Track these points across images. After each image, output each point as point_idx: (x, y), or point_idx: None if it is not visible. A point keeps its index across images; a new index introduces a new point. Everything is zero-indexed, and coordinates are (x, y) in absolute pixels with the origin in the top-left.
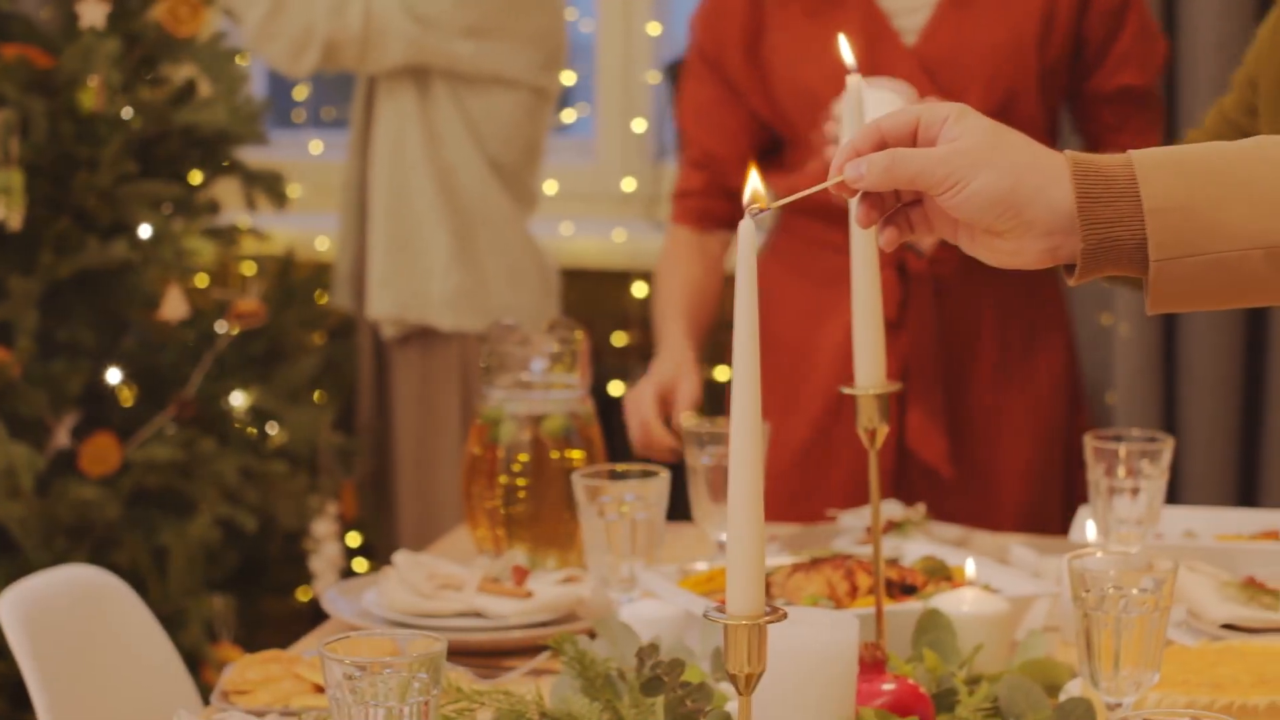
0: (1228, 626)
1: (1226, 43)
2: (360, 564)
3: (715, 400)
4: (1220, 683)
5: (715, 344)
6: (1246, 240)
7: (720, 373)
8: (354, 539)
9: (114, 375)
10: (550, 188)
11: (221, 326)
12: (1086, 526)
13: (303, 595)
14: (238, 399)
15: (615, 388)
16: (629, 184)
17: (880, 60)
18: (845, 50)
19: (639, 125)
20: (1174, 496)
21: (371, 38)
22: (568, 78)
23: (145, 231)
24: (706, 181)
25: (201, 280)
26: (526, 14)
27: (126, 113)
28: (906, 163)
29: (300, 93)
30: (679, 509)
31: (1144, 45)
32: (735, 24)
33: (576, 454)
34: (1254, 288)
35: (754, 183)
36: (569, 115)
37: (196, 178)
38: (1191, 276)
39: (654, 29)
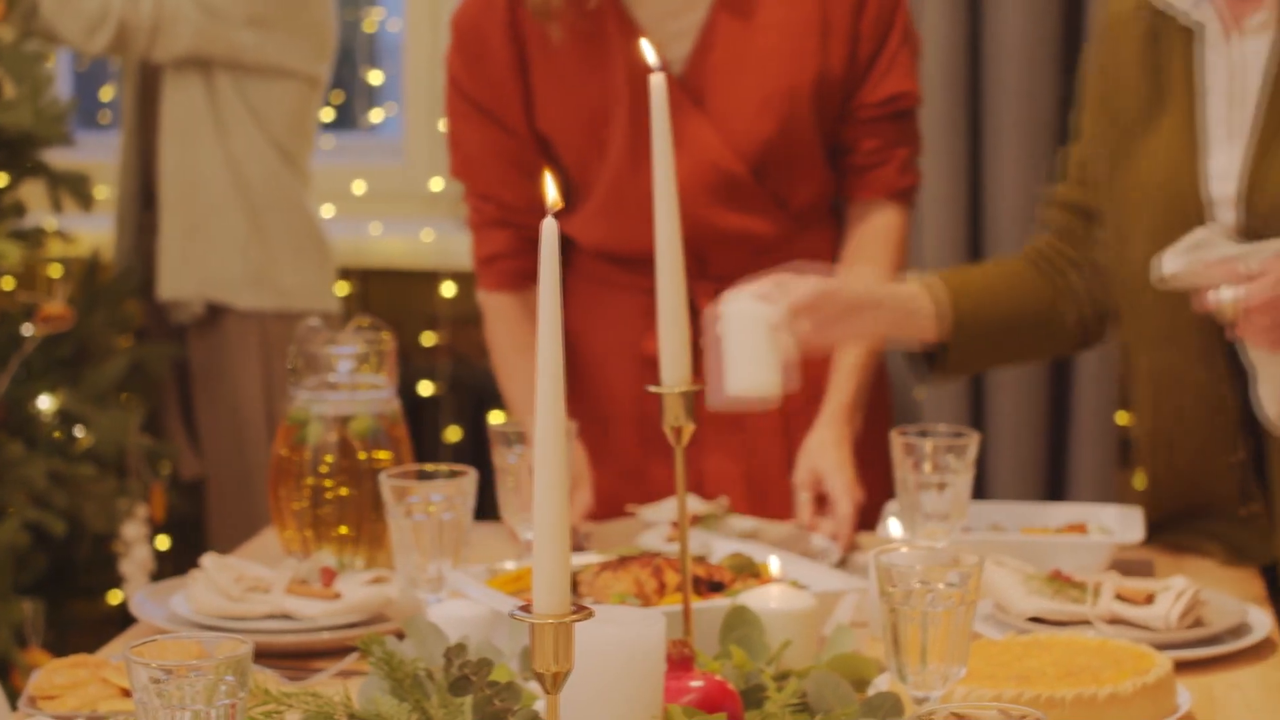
0: (1034, 620)
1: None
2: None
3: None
4: (1027, 675)
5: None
6: None
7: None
8: (163, 541)
9: None
10: (358, 188)
11: (28, 329)
12: (892, 522)
13: (112, 599)
14: (45, 402)
15: (424, 388)
16: (436, 184)
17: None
18: (648, 51)
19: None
20: (981, 491)
21: (162, 24)
22: (375, 77)
23: None
24: (512, 239)
25: (7, 283)
26: (303, 7)
27: None
28: None
29: (106, 94)
30: (487, 508)
31: (909, 47)
32: (500, 64)
33: (384, 454)
34: None
35: (550, 187)
36: (377, 115)
37: (2, 180)
38: None
39: None
